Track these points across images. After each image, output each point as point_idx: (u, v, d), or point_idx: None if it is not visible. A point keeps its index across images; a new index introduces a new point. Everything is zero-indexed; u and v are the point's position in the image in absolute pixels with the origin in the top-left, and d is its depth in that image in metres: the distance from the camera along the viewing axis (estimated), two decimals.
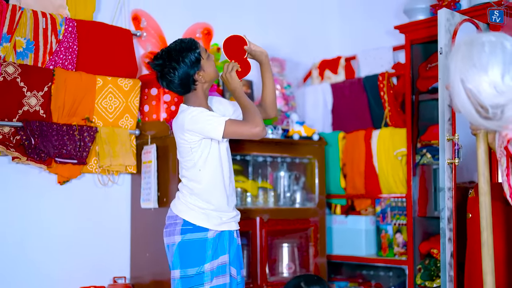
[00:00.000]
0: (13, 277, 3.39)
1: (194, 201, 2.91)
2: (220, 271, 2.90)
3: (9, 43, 3.33)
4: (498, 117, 2.18)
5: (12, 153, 3.29)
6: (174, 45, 2.91)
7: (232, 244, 3.00)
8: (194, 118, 2.82)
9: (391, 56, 4.50)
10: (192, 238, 2.89)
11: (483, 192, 2.54)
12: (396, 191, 4.20)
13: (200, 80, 2.91)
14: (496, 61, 2.14)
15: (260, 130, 2.83)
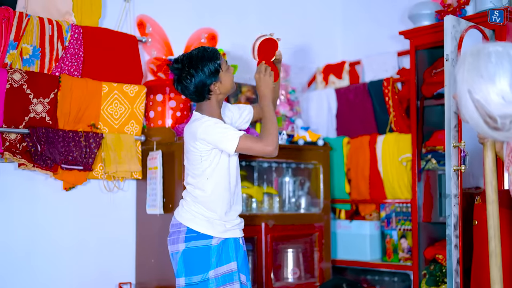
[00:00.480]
0: (18, 283, 3.40)
1: (198, 209, 2.91)
2: (227, 279, 2.89)
3: (15, 50, 3.33)
4: (507, 127, 2.18)
5: (18, 159, 3.29)
6: (197, 52, 2.89)
7: (239, 251, 2.99)
8: (208, 128, 2.81)
9: (396, 61, 4.50)
10: (196, 245, 2.89)
11: (491, 200, 2.54)
12: (401, 197, 4.21)
13: (215, 91, 2.89)
14: (504, 71, 2.13)
15: (272, 150, 2.82)
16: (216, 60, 2.87)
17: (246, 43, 4.52)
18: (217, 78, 2.87)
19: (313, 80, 4.93)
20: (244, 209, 3.88)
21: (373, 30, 4.83)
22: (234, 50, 4.38)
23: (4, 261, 3.36)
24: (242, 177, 3.88)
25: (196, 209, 2.91)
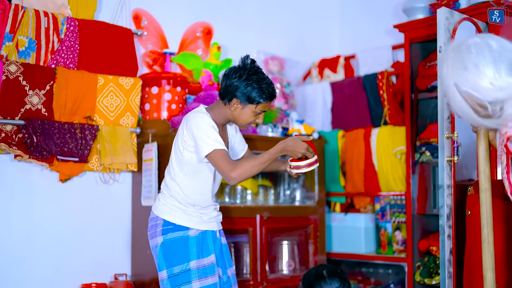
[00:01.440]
0: (14, 274, 3.41)
1: (173, 202, 2.93)
2: (208, 272, 2.91)
3: (11, 42, 3.35)
4: (497, 114, 2.21)
5: (14, 151, 3.31)
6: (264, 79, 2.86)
7: (216, 244, 3.01)
8: (200, 124, 2.82)
9: (390, 55, 4.53)
10: (174, 237, 2.91)
11: (484, 188, 2.57)
12: (396, 189, 4.23)
13: (231, 107, 2.88)
14: (485, 60, 2.18)
15: (233, 179, 2.76)
16: (261, 97, 2.83)
17: (241, 37, 4.56)
18: (245, 103, 2.85)
19: (308, 75, 4.95)
20: (239, 201, 3.91)
21: (368, 25, 4.86)
22: (230, 44, 4.40)
23: (0, 252, 3.37)
24: None
25: (171, 202, 2.93)
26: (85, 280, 3.61)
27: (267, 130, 4.03)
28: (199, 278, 2.87)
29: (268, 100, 2.88)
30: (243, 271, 3.88)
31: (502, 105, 2.20)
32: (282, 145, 2.84)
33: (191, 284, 2.86)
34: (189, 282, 2.86)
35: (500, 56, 2.19)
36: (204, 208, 2.94)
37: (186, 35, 4.16)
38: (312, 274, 2.70)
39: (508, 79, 2.17)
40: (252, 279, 3.80)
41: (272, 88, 2.89)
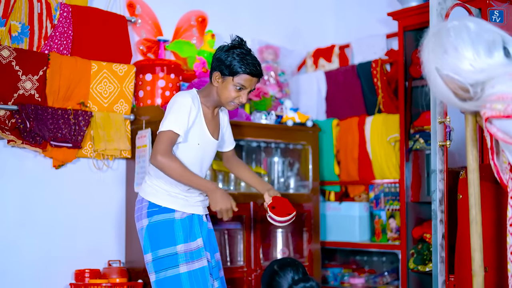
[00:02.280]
0: (7, 260, 3.42)
1: (159, 183, 2.91)
2: (195, 256, 2.89)
3: (4, 27, 3.36)
4: (478, 95, 2.22)
5: (7, 136, 3.32)
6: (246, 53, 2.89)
7: (203, 228, 3.00)
8: (173, 103, 2.85)
9: (385, 43, 4.53)
10: (159, 219, 2.89)
11: (472, 169, 2.57)
12: (389, 177, 4.24)
13: (214, 84, 2.89)
14: (464, 43, 2.18)
15: (155, 160, 2.76)
16: (240, 68, 2.83)
17: (236, 25, 4.56)
18: (224, 75, 2.85)
19: (303, 64, 4.96)
20: (233, 187, 3.91)
21: (362, 14, 4.87)
22: (224, 33, 4.39)
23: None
24: None
25: (157, 183, 2.92)
26: (78, 266, 3.61)
27: (260, 118, 4.03)
28: (186, 262, 2.86)
29: (246, 72, 2.84)
30: (237, 258, 3.89)
31: (483, 86, 2.21)
32: (211, 188, 2.81)
33: (178, 268, 2.84)
34: (177, 266, 2.84)
35: (478, 38, 2.20)
36: (188, 190, 2.92)
37: (180, 23, 4.16)
38: (266, 275, 2.77)
39: (487, 60, 2.18)
40: (245, 266, 3.81)
41: (254, 64, 2.86)
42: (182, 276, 2.84)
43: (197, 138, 2.90)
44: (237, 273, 3.79)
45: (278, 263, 2.73)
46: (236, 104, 2.92)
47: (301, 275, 2.66)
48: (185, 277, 2.84)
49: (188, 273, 2.84)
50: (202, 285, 2.87)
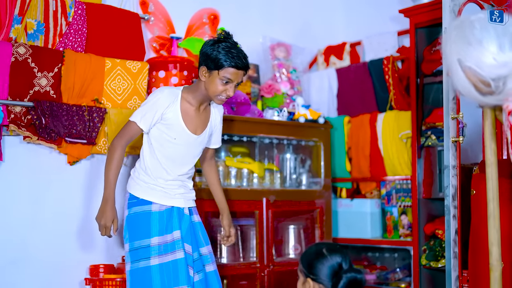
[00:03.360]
0: (22, 255, 3.44)
1: (140, 175, 3.05)
2: (169, 248, 2.97)
3: (20, 25, 3.39)
4: (500, 90, 2.21)
5: (23, 132, 3.35)
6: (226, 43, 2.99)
7: (183, 220, 3.06)
8: (150, 96, 3.02)
9: (396, 41, 4.54)
10: (137, 211, 3.01)
11: (490, 163, 2.57)
12: (401, 173, 4.25)
13: (201, 77, 2.98)
14: (489, 35, 2.18)
15: (110, 144, 3.03)
16: (225, 61, 2.90)
17: (247, 23, 4.59)
18: (210, 69, 2.93)
19: (314, 62, 4.97)
20: (245, 184, 3.93)
21: (374, 11, 4.88)
22: (236, 30, 4.40)
23: (7, 233, 3.41)
24: (243, 153, 3.94)
25: (138, 175, 3.05)
26: (93, 261, 3.64)
27: (273, 114, 4.05)
28: (159, 255, 2.95)
29: (231, 65, 2.90)
30: (250, 254, 3.91)
31: (505, 80, 2.21)
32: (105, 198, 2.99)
33: (150, 261, 2.94)
34: (148, 258, 2.95)
35: (504, 31, 2.20)
36: (168, 183, 3.03)
37: (192, 21, 4.18)
38: (312, 253, 2.68)
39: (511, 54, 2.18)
40: (258, 262, 3.83)
41: (239, 56, 2.93)
42: (153, 268, 2.94)
43: (173, 133, 3.01)
44: (250, 269, 3.81)
45: (327, 247, 2.65)
46: (224, 98, 2.99)
47: (349, 266, 2.60)
48: (155, 270, 2.94)
49: (159, 265, 2.94)
50: (172, 277, 2.95)
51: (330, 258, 2.59)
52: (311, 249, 2.70)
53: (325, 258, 2.60)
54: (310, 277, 2.58)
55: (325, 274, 2.54)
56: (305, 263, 2.65)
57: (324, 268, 2.55)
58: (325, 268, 2.55)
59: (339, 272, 2.54)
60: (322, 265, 2.59)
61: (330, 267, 2.54)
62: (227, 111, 3.87)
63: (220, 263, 3.72)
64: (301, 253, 4.11)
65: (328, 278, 2.54)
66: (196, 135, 3.06)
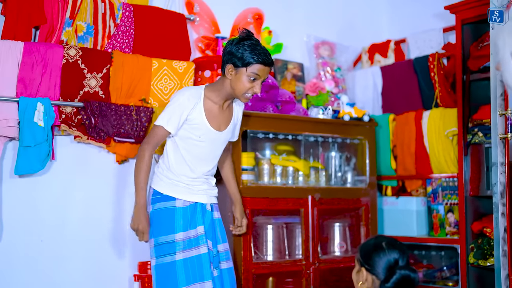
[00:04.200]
0: (73, 252, 3.53)
1: (164, 171, 3.12)
2: (193, 243, 3.04)
3: (71, 28, 3.48)
4: None
5: (74, 132, 3.44)
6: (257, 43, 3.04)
7: (206, 216, 3.13)
8: (172, 99, 3.09)
9: (441, 37, 4.50)
10: (161, 207, 3.08)
11: None
12: (447, 171, 4.21)
13: (227, 77, 3.03)
14: None
15: (139, 149, 3.12)
16: (252, 58, 2.96)
17: (292, 22, 4.61)
18: (237, 67, 2.99)
19: (359, 60, 4.96)
20: (291, 181, 3.95)
21: (418, 8, 4.84)
22: (280, 29, 4.45)
23: (59, 229, 3.50)
24: (288, 151, 3.96)
25: (162, 171, 3.12)
26: (141, 258, 3.70)
27: (317, 113, 4.06)
28: (183, 250, 3.02)
29: (259, 62, 2.96)
30: (295, 252, 3.93)
31: None
32: (138, 204, 3.07)
33: (175, 256, 3.02)
34: (173, 253, 3.02)
35: None
36: (192, 179, 3.09)
37: (237, 21, 4.23)
38: (371, 245, 2.69)
39: None
40: (304, 259, 3.85)
41: (265, 53, 2.99)
42: (177, 263, 3.01)
43: (198, 132, 3.08)
44: (295, 267, 3.83)
45: (387, 241, 2.67)
46: (250, 95, 3.05)
47: (405, 263, 2.61)
48: (180, 265, 3.01)
49: (183, 260, 3.01)
50: (197, 272, 3.02)
51: (388, 252, 2.61)
52: (370, 241, 2.72)
53: (383, 252, 2.61)
54: (365, 267, 2.60)
55: (381, 267, 2.56)
56: (363, 253, 2.67)
57: (381, 261, 2.57)
58: (382, 261, 2.56)
59: (394, 267, 2.56)
60: (379, 257, 2.61)
61: (386, 261, 2.56)
62: (272, 109, 3.89)
63: (266, 260, 3.76)
64: (346, 251, 4.12)
65: (382, 271, 2.57)
66: (220, 131, 3.14)
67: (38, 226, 3.43)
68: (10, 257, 3.34)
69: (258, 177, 3.84)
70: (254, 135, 3.80)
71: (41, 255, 3.43)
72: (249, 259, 3.60)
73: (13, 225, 3.35)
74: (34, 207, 3.43)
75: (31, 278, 3.39)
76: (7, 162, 3.34)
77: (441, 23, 4.57)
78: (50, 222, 3.47)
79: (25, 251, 3.38)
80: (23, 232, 3.38)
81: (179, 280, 3.00)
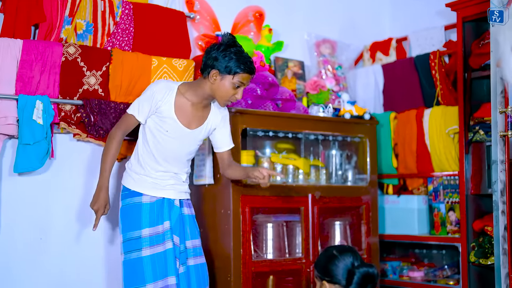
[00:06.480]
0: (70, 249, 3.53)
1: (132, 167, 3.18)
2: (160, 239, 3.07)
3: (70, 26, 3.48)
4: None
5: (73, 129, 3.44)
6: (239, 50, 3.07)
7: (173, 211, 3.15)
8: (146, 89, 3.16)
9: (443, 35, 4.48)
10: (129, 203, 3.12)
11: None
12: (449, 169, 4.20)
13: (210, 80, 3.06)
14: None
15: (110, 134, 3.20)
16: (239, 67, 3.01)
17: (292, 20, 4.60)
18: (223, 73, 3.02)
19: (360, 58, 4.95)
20: (291, 180, 3.94)
21: (420, 6, 4.83)
22: (281, 27, 4.45)
23: (59, 228, 3.50)
24: (288, 149, 3.96)
25: (131, 167, 3.19)
26: None
27: (318, 111, 4.05)
28: (150, 246, 3.05)
29: (246, 71, 3.02)
30: (295, 250, 3.92)
31: None
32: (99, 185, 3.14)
33: (141, 251, 3.04)
34: (140, 249, 3.05)
35: None
36: (159, 173, 3.13)
37: (238, 19, 4.22)
38: (324, 258, 2.78)
39: None
40: (304, 258, 3.84)
41: (250, 61, 3.05)
42: (144, 259, 3.04)
43: (165, 125, 3.12)
44: (295, 265, 3.82)
45: (337, 248, 2.75)
46: (231, 101, 3.11)
47: (360, 262, 2.67)
48: (147, 261, 3.04)
49: (151, 256, 3.04)
50: (164, 267, 3.04)
51: (342, 258, 2.69)
52: (322, 255, 2.83)
53: (337, 259, 2.70)
54: (326, 280, 2.67)
55: (340, 274, 2.64)
56: (319, 268, 2.77)
57: (338, 268, 2.65)
58: (339, 268, 2.65)
59: (352, 269, 2.62)
60: (335, 266, 2.69)
61: (343, 267, 2.65)
62: (272, 107, 3.88)
63: (266, 259, 3.75)
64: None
65: (343, 277, 2.64)
66: (189, 129, 3.16)
67: (37, 224, 3.43)
68: (9, 255, 3.34)
69: None
70: (254, 133, 3.80)
71: (40, 253, 3.43)
72: (249, 258, 3.59)
73: (12, 223, 3.35)
74: (33, 205, 3.43)
75: (30, 276, 3.39)
76: (6, 160, 3.35)
77: (442, 21, 4.55)
78: (49, 220, 3.47)
79: (24, 249, 3.39)
80: (22, 230, 3.39)
81: (146, 276, 3.03)
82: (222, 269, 3.59)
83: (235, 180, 3.47)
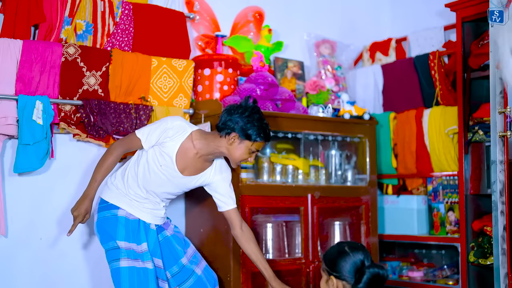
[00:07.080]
0: (70, 249, 3.54)
1: (115, 180, 3.17)
2: (143, 257, 3.07)
3: (70, 26, 3.49)
4: None
5: (73, 130, 3.45)
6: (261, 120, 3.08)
7: (149, 234, 3.15)
8: (162, 119, 3.15)
9: (442, 36, 4.49)
10: (105, 215, 3.11)
11: None
12: (448, 169, 4.20)
13: (228, 141, 3.05)
14: None
15: (111, 146, 3.13)
16: (259, 135, 3.03)
17: (292, 20, 4.61)
18: (242, 138, 3.03)
19: (360, 58, 4.95)
20: (291, 180, 3.95)
21: (420, 6, 4.83)
22: (280, 28, 4.45)
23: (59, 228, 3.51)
24: (288, 150, 3.96)
25: (113, 181, 3.19)
26: None
27: (317, 111, 4.06)
28: (128, 258, 3.03)
29: (264, 140, 3.06)
30: (295, 250, 3.92)
31: None
32: (85, 193, 3.08)
33: (119, 262, 3.03)
34: (118, 259, 3.04)
35: None
36: (139, 196, 3.14)
37: (237, 19, 4.23)
38: (335, 252, 2.74)
39: None
40: (303, 258, 3.84)
41: (269, 130, 3.09)
42: (122, 270, 3.02)
43: (162, 160, 3.09)
44: (295, 265, 3.83)
45: (349, 245, 2.71)
46: (242, 163, 3.17)
47: (371, 262, 2.64)
48: (124, 272, 3.02)
49: (129, 268, 3.02)
50: (143, 283, 3.01)
51: (353, 255, 2.65)
52: (333, 249, 2.78)
53: (348, 256, 2.66)
54: (333, 275, 2.65)
55: (348, 271, 2.61)
56: (328, 261, 2.72)
57: (347, 265, 2.62)
58: (348, 265, 2.62)
59: (361, 268, 2.60)
60: (345, 262, 2.65)
61: (353, 264, 2.61)
62: (272, 107, 3.89)
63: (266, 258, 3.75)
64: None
65: (351, 275, 2.61)
66: (182, 175, 3.13)
67: (37, 224, 3.44)
68: (10, 255, 3.35)
69: (257, 175, 3.83)
70: None
71: (40, 253, 3.43)
72: (248, 258, 3.59)
73: (12, 223, 3.36)
74: (33, 205, 3.43)
75: (30, 275, 3.40)
76: (6, 160, 3.36)
77: (442, 21, 4.56)
78: (49, 220, 3.48)
79: (24, 248, 3.39)
80: (22, 230, 3.39)
81: (123, 287, 3.01)
82: (221, 269, 3.59)
83: (234, 180, 3.47)
